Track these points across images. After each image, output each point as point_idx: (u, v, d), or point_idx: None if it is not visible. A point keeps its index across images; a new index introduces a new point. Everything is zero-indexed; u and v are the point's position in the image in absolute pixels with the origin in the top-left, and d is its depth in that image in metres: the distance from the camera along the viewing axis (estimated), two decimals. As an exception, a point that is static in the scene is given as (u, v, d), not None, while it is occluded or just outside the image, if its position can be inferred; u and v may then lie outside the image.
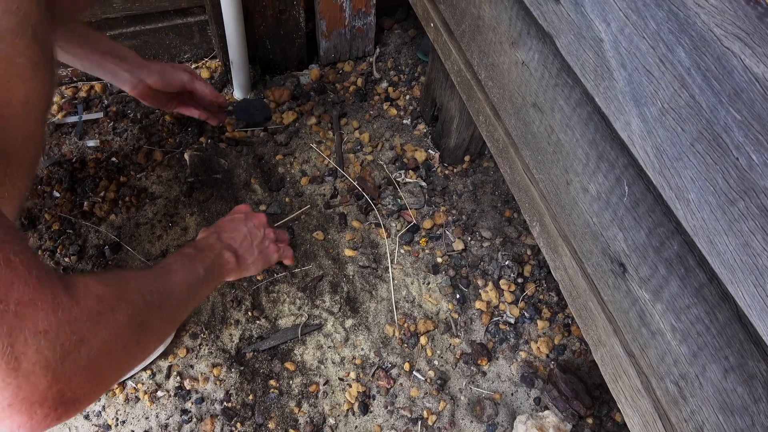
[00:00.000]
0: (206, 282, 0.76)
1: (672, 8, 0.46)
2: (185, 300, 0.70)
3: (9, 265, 0.42)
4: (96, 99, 1.35)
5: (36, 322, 0.43)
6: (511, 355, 1.00)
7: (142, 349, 0.58)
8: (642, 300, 0.61)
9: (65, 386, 0.46)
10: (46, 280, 0.45)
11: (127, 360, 0.55)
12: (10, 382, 0.42)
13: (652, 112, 0.51)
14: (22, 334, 0.42)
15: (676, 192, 0.50)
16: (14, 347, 0.42)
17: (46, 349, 0.43)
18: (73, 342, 0.46)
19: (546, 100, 0.71)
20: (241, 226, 0.91)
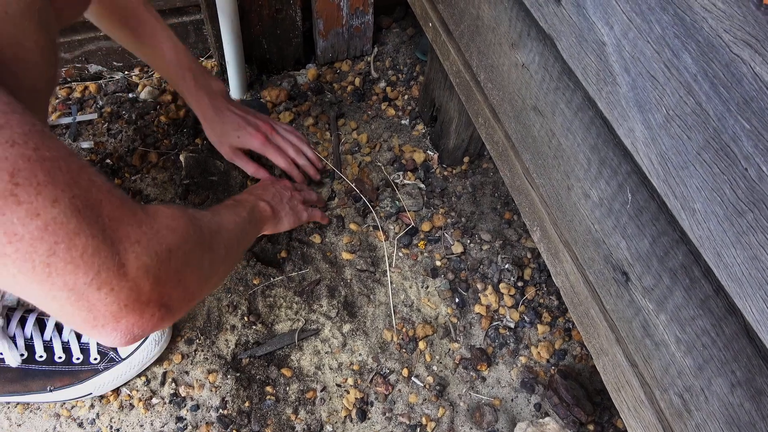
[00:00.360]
0: (250, 224, 0.82)
1: (678, 12, 0.44)
2: (236, 235, 0.75)
3: (94, 185, 0.46)
4: (90, 99, 1.33)
5: (129, 234, 0.48)
6: (511, 360, 0.99)
7: (213, 271, 0.64)
8: (645, 310, 0.59)
9: (163, 289, 0.51)
10: (125, 200, 0.50)
11: (204, 277, 0.60)
12: (123, 285, 0.47)
13: (657, 118, 0.50)
14: (122, 244, 0.47)
15: (681, 201, 0.49)
16: (120, 255, 0.46)
17: (143, 255, 0.48)
18: (162, 250, 0.51)
19: (547, 103, 0.70)
20: (269, 186, 0.97)
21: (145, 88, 1.33)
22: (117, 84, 1.34)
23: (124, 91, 1.34)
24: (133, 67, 1.37)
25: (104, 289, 0.46)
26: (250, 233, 0.84)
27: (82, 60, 1.32)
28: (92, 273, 0.45)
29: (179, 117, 1.28)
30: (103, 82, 1.36)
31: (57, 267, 0.43)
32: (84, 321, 0.47)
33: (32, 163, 0.41)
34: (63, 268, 0.43)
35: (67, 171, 0.44)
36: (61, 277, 0.43)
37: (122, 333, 0.49)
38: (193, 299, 0.58)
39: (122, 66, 1.36)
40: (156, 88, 1.33)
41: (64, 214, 0.43)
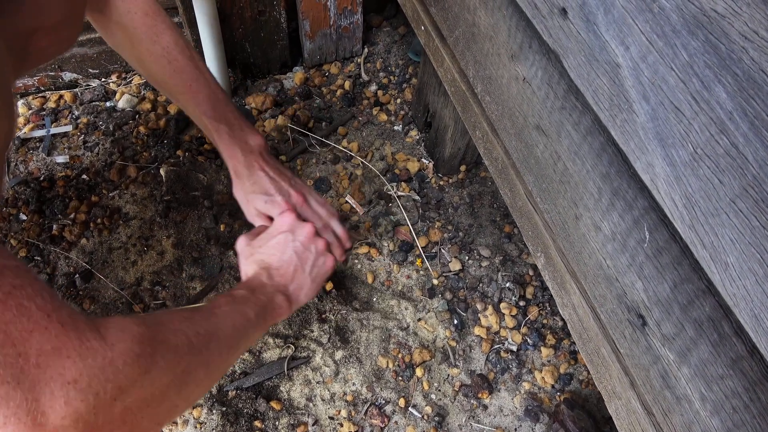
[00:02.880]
0: (257, 326, 0.71)
1: (710, 38, 0.38)
2: (233, 345, 0.64)
3: (24, 313, 0.39)
4: (65, 110, 1.26)
5: (63, 372, 0.40)
6: (514, 387, 0.93)
7: (183, 399, 0.53)
8: (665, 359, 0.53)
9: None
10: (69, 324, 0.41)
11: (167, 411, 0.51)
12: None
13: (682, 155, 0.43)
14: (48, 387, 0.39)
15: (711, 252, 0.43)
16: (39, 401, 0.38)
17: (76, 400, 0.40)
18: (108, 390, 0.42)
19: (551, 123, 0.63)
20: (290, 251, 0.83)
21: (123, 96, 1.26)
22: (93, 92, 1.27)
23: (101, 99, 1.27)
24: (110, 73, 1.30)
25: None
26: (253, 336, 0.72)
27: (55, 68, 1.25)
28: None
29: (159, 127, 1.21)
30: (79, 90, 1.28)
31: None
32: None
33: None
34: None
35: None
36: None
37: None
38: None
39: (98, 73, 1.29)
40: (135, 95, 1.26)
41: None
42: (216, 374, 0.61)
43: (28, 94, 1.27)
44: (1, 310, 0.38)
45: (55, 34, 0.61)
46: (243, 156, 0.91)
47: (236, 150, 0.91)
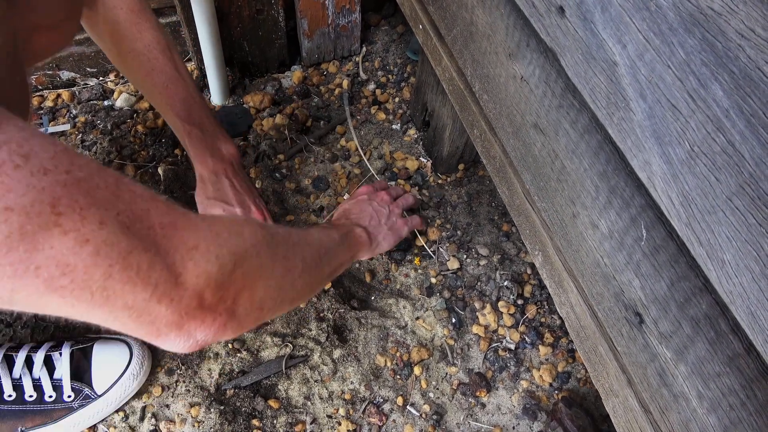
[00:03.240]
0: (341, 247, 0.78)
1: (706, 36, 0.38)
2: (320, 252, 0.70)
3: (137, 195, 0.44)
4: (63, 108, 1.25)
5: (185, 239, 0.45)
6: (512, 385, 0.94)
7: (289, 284, 0.60)
8: (662, 357, 0.53)
9: (227, 294, 0.49)
10: (172, 205, 0.47)
11: (276, 287, 0.57)
12: (183, 294, 0.45)
13: (678, 153, 0.43)
14: (178, 252, 0.45)
15: (707, 250, 0.43)
16: (176, 265, 0.44)
17: (202, 261, 0.46)
18: (224, 254, 0.48)
19: (549, 122, 0.63)
20: (366, 206, 0.93)
21: (121, 95, 1.26)
22: (91, 91, 1.27)
23: (99, 98, 1.27)
24: (107, 72, 1.30)
25: (164, 301, 0.44)
26: (340, 255, 0.79)
27: (53, 67, 1.25)
28: (150, 288, 0.43)
29: (157, 126, 1.21)
30: (77, 89, 1.28)
31: (115, 289, 0.42)
32: (147, 333, 0.46)
33: (69, 188, 0.39)
34: (121, 289, 0.42)
35: (105, 187, 0.42)
36: (120, 298, 0.42)
37: (184, 340, 0.48)
38: (263, 308, 0.55)
39: (96, 72, 1.29)
40: (132, 94, 1.26)
41: (113, 234, 0.41)
42: (312, 274, 0.67)
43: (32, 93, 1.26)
44: (120, 193, 0.42)
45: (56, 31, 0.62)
46: (212, 162, 0.91)
47: (206, 155, 0.91)
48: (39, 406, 0.85)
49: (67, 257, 0.39)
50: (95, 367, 0.87)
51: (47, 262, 0.38)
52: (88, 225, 0.40)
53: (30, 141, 0.39)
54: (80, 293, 0.40)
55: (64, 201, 0.39)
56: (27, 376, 0.85)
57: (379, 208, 0.94)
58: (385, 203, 0.96)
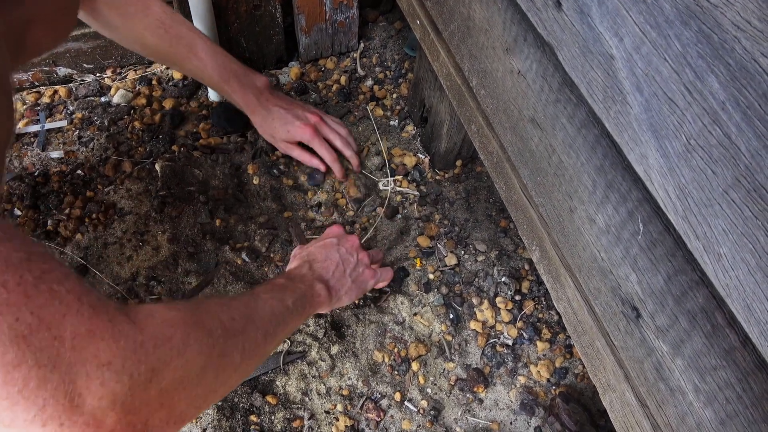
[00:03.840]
0: (295, 314, 0.73)
1: (703, 28, 0.38)
2: (271, 331, 0.65)
3: (56, 297, 0.39)
4: (60, 105, 1.25)
5: (97, 354, 0.40)
6: (510, 381, 0.94)
7: (221, 382, 0.54)
8: (659, 351, 0.53)
9: (136, 418, 0.42)
10: (100, 308, 0.42)
11: (205, 394, 0.51)
12: (76, 419, 0.39)
13: (675, 147, 0.43)
14: (84, 369, 0.39)
15: (704, 243, 0.43)
16: (76, 383, 0.39)
17: (111, 381, 0.40)
18: (141, 372, 0.42)
19: (546, 116, 0.63)
20: (334, 252, 0.87)
21: (118, 91, 1.25)
22: (88, 87, 1.27)
23: (96, 94, 1.27)
24: (104, 68, 1.29)
25: (50, 424, 0.38)
26: (292, 323, 0.73)
27: (49, 63, 1.24)
28: (35, 409, 0.37)
29: (154, 122, 1.21)
30: (74, 85, 1.28)
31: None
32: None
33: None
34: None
35: (16, 287, 0.37)
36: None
37: None
38: (184, 420, 0.48)
39: (93, 68, 1.28)
40: (129, 90, 1.26)
41: (0, 344, 0.36)
42: (254, 360, 0.61)
43: (23, 89, 1.26)
44: (34, 295, 0.38)
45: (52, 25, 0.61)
46: (256, 99, 1.03)
47: (249, 95, 1.02)
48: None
49: None
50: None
51: None
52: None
53: None
54: None
55: None
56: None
57: (347, 256, 0.88)
58: (354, 250, 0.90)
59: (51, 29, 0.61)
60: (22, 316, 0.37)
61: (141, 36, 0.91)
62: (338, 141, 1.10)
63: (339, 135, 1.10)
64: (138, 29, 0.90)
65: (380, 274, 0.92)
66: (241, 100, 1.02)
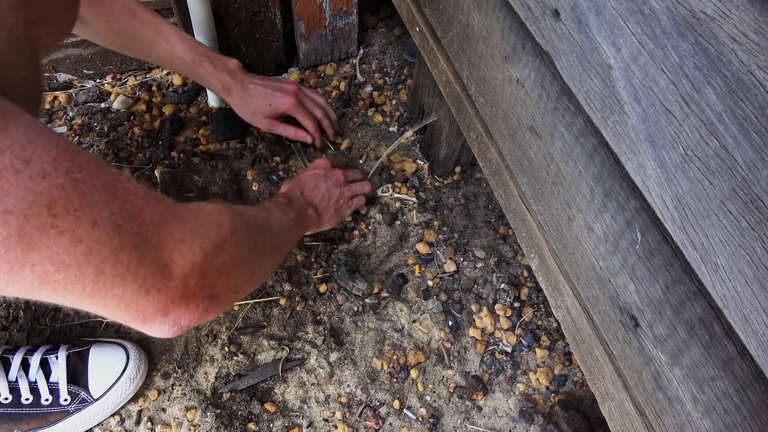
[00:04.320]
0: (296, 227, 0.85)
1: (699, 40, 0.38)
2: (282, 235, 0.77)
3: (131, 193, 0.47)
4: (60, 111, 1.25)
5: (172, 233, 0.49)
6: (509, 388, 0.93)
7: (259, 266, 0.65)
8: (657, 361, 0.53)
9: (210, 282, 0.53)
10: (163, 200, 0.50)
11: (250, 270, 0.62)
12: (169, 284, 0.49)
13: (672, 157, 0.43)
14: (166, 246, 0.48)
15: (701, 254, 0.43)
16: (163, 257, 0.48)
17: (188, 253, 0.50)
18: (208, 245, 0.53)
19: (544, 124, 0.63)
20: (321, 183, 0.97)
21: (118, 97, 1.26)
22: (88, 93, 1.27)
23: (96, 100, 1.27)
24: (104, 74, 1.30)
25: (152, 291, 0.48)
26: (296, 234, 0.86)
27: (50, 69, 1.25)
28: (139, 281, 0.46)
29: (154, 128, 1.21)
30: (74, 91, 1.28)
31: (105, 283, 0.44)
32: (133, 320, 0.50)
33: (66, 191, 0.42)
34: (111, 283, 0.45)
35: (102, 187, 0.44)
36: (110, 291, 0.45)
37: (170, 326, 0.52)
38: (239, 291, 0.60)
39: (93, 74, 1.29)
40: (129, 96, 1.26)
41: (105, 233, 0.43)
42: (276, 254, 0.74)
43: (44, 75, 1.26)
44: (116, 192, 0.45)
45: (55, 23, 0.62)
46: (230, 78, 1.03)
47: (223, 75, 1.02)
48: (35, 410, 0.84)
49: (61, 256, 0.41)
50: (92, 371, 0.87)
51: (43, 261, 0.41)
52: (82, 225, 0.42)
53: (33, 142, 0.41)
54: (72, 287, 0.43)
55: (61, 203, 0.41)
56: (23, 379, 0.84)
57: (332, 188, 0.98)
58: (339, 184, 0.99)
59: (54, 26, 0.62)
60: (115, 210, 0.44)
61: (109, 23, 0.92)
62: (318, 111, 1.12)
63: (318, 105, 1.13)
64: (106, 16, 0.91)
65: (356, 202, 1.04)
66: (216, 80, 1.02)
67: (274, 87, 1.07)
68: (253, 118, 1.08)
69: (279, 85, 1.08)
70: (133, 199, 0.47)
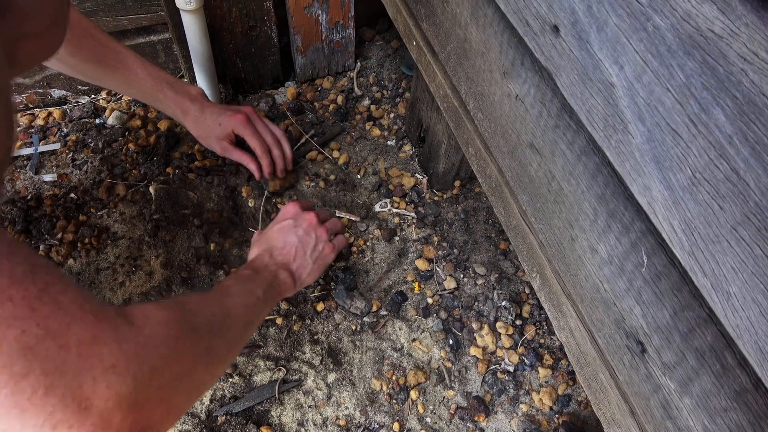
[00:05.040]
0: (265, 303, 0.76)
1: (707, 59, 0.36)
2: (246, 323, 0.69)
3: (60, 307, 0.41)
4: (54, 127, 1.24)
5: (102, 359, 0.42)
6: (511, 409, 0.91)
7: (210, 374, 0.58)
8: (666, 389, 0.51)
9: (140, 416, 0.44)
10: (102, 314, 0.44)
11: (196, 386, 0.55)
12: (84, 422, 0.41)
13: (680, 179, 0.41)
14: (90, 374, 0.41)
15: (712, 281, 0.41)
16: (83, 388, 0.40)
17: (117, 384, 0.42)
18: (143, 372, 0.45)
19: (545, 142, 0.61)
20: (292, 236, 0.88)
21: (113, 113, 1.24)
22: (83, 109, 1.25)
23: (91, 116, 1.25)
24: (99, 90, 1.28)
25: (60, 428, 0.40)
26: (263, 313, 0.77)
27: (44, 85, 1.23)
28: (44, 415, 0.39)
29: (149, 144, 1.19)
30: (68, 107, 1.26)
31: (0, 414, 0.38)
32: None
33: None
34: (6, 414, 0.38)
35: (21, 300, 0.39)
36: (6, 423, 0.39)
37: None
38: (179, 413, 0.52)
39: (88, 90, 1.27)
40: (124, 112, 1.25)
41: (7, 356, 0.37)
42: (235, 350, 0.66)
43: (17, 111, 1.25)
44: (39, 307, 0.39)
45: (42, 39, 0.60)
46: (191, 103, 1.02)
47: (184, 101, 1.01)
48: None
49: None
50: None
51: None
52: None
53: None
54: None
55: None
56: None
57: (305, 237, 0.88)
58: (312, 228, 0.89)
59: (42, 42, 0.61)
60: (29, 328, 0.38)
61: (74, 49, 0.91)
62: (269, 137, 1.06)
63: (271, 132, 1.07)
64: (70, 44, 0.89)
65: (337, 243, 0.94)
66: (176, 105, 1.01)
67: (227, 107, 1.05)
68: (207, 142, 1.05)
69: (234, 107, 1.06)
70: (59, 315, 0.40)
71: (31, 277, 0.40)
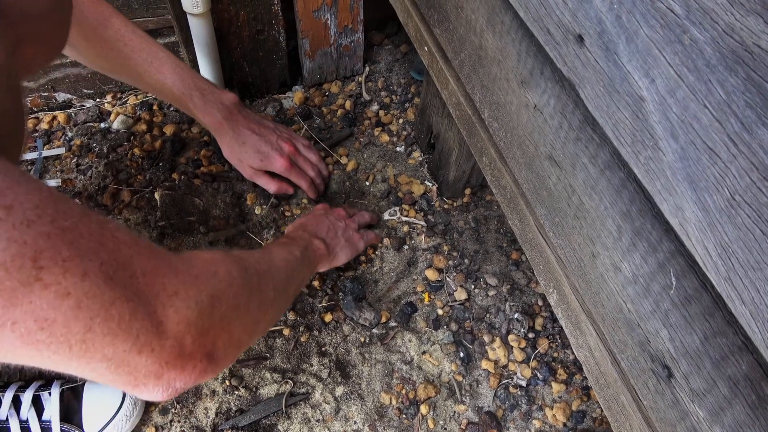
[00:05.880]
0: (303, 264, 0.79)
1: (752, 76, 0.34)
2: (287, 276, 0.71)
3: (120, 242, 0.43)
4: (59, 131, 1.22)
5: (165, 286, 0.45)
6: (524, 425, 0.89)
7: (263, 314, 0.61)
8: (694, 416, 0.49)
9: (207, 339, 0.48)
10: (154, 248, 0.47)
11: (253, 322, 0.58)
12: (164, 343, 0.44)
13: (716, 201, 0.39)
14: (158, 300, 0.44)
15: (751, 309, 0.38)
16: (158, 313, 0.44)
17: (183, 308, 0.46)
18: (204, 298, 0.48)
19: (565, 154, 0.59)
20: (323, 219, 0.93)
21: (118, 117, 1.22)
22: (88, 113, 1.24)
23: (96, 120, 1.24)
24: (104, 93, 1.27)
25: (145, 351, 0.43)
26: (303, 273, 0.80)
27: (48, 88, 1.22)
28: (131, 339, 0.42)
29: (155, 149, 1.18)
30: (73, 111, 1.25)
31: (94, 342, 0.40)
32: (124, 383, 0.45)
33: (53, 240, 0.38)
34: (101, 341, 0.41)
35: (90, 236, 0.41)
36: (100, 350, 0.41)
37: (163, 389, 0.47)
38: (240, 346, 0.56)
39: (93, 93, 1.26)
40: (130, 116, 1.23)
41: (96, 285, 0.40)
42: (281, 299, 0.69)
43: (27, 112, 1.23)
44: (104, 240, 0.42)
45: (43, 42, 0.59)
46: (221, 115, 0.96)
47: (213, 111, 0.96)
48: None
49: (46, 312, 0.38)
50: (86, 408, 0.82)
51: (24, 317, 0.37)
52: (70, 278, 0.38)
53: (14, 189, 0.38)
54: (58, 347, 0.39)
55: (47, 254, 0.38)
56: (14, 418, 0.80)
57: (336, 221, 0.94)
58: (341, 218, 0.96)
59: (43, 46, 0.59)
60: (105, 260, 0.41)
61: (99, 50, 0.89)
62: (311, 171, 1.07)
63: (311, 164, 1.08)
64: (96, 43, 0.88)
65: (366, 236, 0.99)
66: (206, 118, 0.96)
67: (268, 141, 1.00)
68: (239, 165, 1.03)
69: (275, 140, 1.01)
70: (122, 249, 0.43)
71: (89, 216, 0.42)
